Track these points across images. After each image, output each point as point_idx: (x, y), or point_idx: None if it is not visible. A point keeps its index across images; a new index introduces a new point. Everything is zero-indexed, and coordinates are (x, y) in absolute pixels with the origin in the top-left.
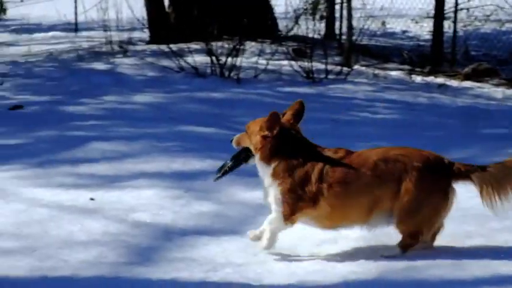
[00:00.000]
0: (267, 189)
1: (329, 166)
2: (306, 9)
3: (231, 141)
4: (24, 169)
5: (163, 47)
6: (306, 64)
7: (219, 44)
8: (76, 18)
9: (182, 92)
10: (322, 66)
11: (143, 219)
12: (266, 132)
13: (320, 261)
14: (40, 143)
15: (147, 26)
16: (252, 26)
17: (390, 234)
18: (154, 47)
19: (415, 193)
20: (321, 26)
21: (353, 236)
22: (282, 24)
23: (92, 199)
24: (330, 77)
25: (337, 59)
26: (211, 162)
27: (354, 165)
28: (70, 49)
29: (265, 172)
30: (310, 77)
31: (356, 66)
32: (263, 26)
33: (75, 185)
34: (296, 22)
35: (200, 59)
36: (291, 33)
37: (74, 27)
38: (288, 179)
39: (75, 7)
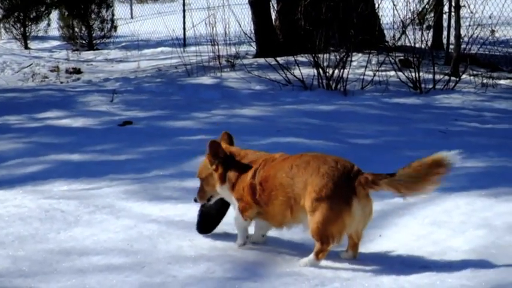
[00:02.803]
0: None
1: (261, 167)
2: (413, 19)
3: (195, 200)
4: (133, 184)
5: (270, 60)
6: (413, 74)
7: (326, 56)
8: (184, 34)
9: (289, 105)
10: (430, 77)
11: (250, 233)
12: (215, 164)
13: (429, 275)
14: (149, 159)
15: (254, 39)
16: (358, 37)
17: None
18: (261, 60)
19: (314, 197)
20: (428, 36)
21: (463, 248)
22: (388, 35)
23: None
24: (438, 87)
25: (445, 68)
26: None
27: (276, 167)
28: (178, 64)
29: (225, 190)
30: (417, 87)
31: (464, 76)
32: (370, 37)
33: (183, 200)
34: (403, 32)
35: (307, 72)
36: (398, 43)
37: (183, 42)
38: (235, 182)
39: (184, 22)
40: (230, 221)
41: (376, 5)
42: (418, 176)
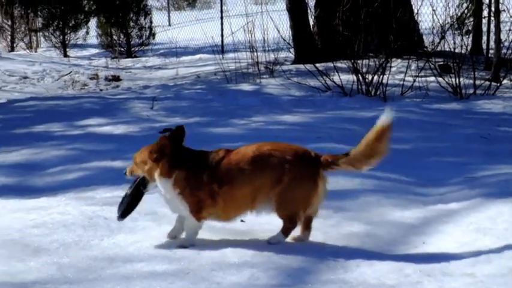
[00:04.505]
0: (170, 201)
1: (214, 167)
2: (452, 24)
3: (125, 173)
4: None
5: (309, 67)
6: (453, 80)
7: (365, 61)
8: (222, 40)
9: (329, 111)
10: (470, 82)
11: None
12: (156, 155)
13: (474, 282)
14: None
15: (292, 46)
16: (397, 42)
17: None
18: (300, 66)
19: (287, 182)
20: (468, 41)
21: (508, 255)
22: (427, 40)
23: (242, 221)
24: (478, 92)
25: (485, 74)
26: (360, 181)
27: (233, 162)
28: (217, 71)
29: (166, 186)
30: (457, 93)
31: (505, 81)
32: (409, 42)
33: None
34: (442, 37)
35: (346, 78)
36: (437, 48)
37: (221, 49)
38: (187, 185)
39: (222, 29)
40: (273, 228)
41: (415, 10)
42: (371, 152)
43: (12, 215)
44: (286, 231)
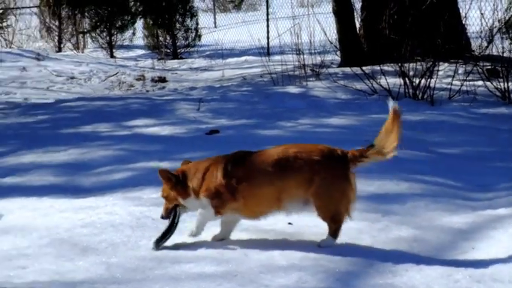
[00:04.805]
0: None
1: (231, 165)
2: (500, 28)
3: (162, 217)
4: None
5: (356, 69)
6: (501, 84)
7: (412, 65)
8: (268, 43)
9: (376, 114)
10: None
11: (341, 243)
12: (169, 185)
13: None
14: None
15: (339, 48)
16: (444, 46)
17: None
18: (346, 69)
19: (320, 182)
20: None
21: None
22: (475, 44)
23: (290, 223)
24: None
25: None
26: (408, 185)
27: (256, 162)
28: (263, 73)
29: (195, 203)
30: (505, 97)
31: None
32: (456, 46)
33: None
34: (490, 41)
35: (393, 81)
36: (485, 52)
37: (267, 51)
38: (203, 185)
39: (268, 31)
40: (320, 231)
41: (463, 14)
42: (390, 136)
43: (61, 214)
44: (333, 232)
